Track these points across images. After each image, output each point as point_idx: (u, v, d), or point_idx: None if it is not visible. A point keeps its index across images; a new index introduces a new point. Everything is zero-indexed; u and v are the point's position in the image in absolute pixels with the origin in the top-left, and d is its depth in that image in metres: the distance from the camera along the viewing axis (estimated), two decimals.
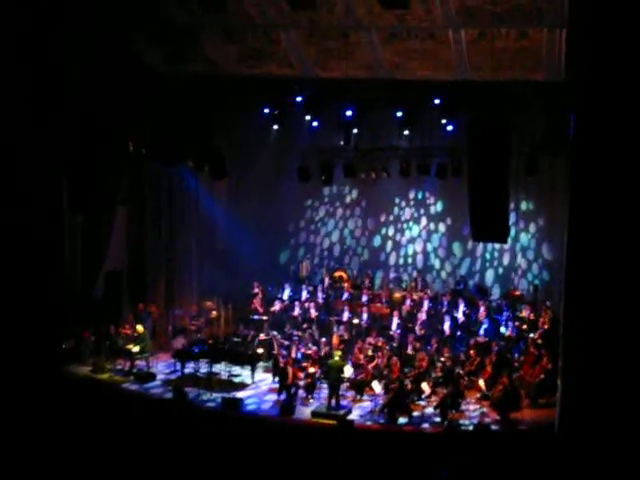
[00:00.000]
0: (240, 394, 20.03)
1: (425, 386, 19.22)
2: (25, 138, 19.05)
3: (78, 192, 19.93)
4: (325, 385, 19.63)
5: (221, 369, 21.28)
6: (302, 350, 21.20)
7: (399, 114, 22.62)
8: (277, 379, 20.19)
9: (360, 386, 19.74)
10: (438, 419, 18.19)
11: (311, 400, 19.56)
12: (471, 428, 17.61)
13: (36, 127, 19.16)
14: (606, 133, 12.47)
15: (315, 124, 23.22)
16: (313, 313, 23.72)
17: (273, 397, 19.94)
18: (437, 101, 21.95)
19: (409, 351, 21.14)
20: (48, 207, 20.35)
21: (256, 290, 24.89)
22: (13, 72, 18.29)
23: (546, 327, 21.13)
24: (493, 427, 17.68)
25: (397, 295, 24.72)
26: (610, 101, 12.39)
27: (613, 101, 12.37)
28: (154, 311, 23.77)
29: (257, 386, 20.94)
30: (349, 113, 22.10)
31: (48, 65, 18.92)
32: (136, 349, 21.71)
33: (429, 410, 18.74)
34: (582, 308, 13.06)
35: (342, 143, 22.92)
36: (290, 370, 19.60)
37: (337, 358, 19.49)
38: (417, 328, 22.27)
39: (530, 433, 17.23)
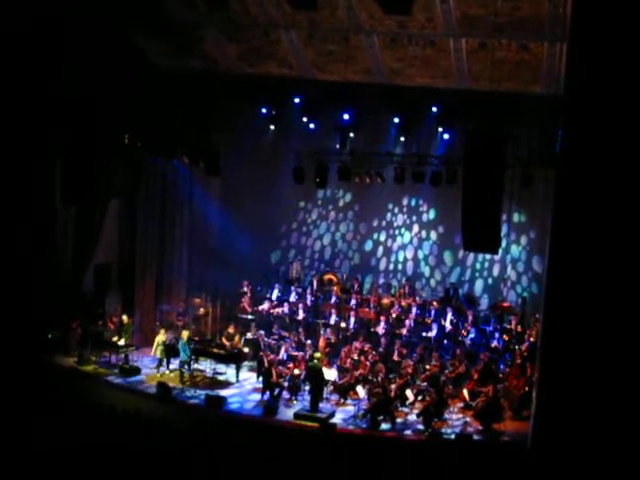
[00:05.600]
0: (224, 392, 20.00)
1: (409, 393, 19.21)
2: (21, 131, 19.09)
3: (72, 184, 19.90)
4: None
5: (206, 366, 21.26)
6: (288, 351, 21.17)
7: (396, 120, 22.64)
8: (261, 379, 20.19)
9: (344, 390, 19.73)
10: (421, 427, 18.19)
11: (294, 402, 19.54)
12: (453, 437, 17.62)
13: (33, 120, 19.19)
14: (592, 150, 12.49)
15: (312, 126, 23.20)
16: (301, 315, 23.68)
17: (257, 397, 19.95)
18: (435, 109, 21.98)
19: (395, 357, 21.14)
20: (41, 199, 20.40)
21: (245, 289, 24.80)
22: (12, 66, 18.31)
23: (532, 340, 21.09)
24: (475, 437, 17.69)
25: (385, 301, 24.59)
26: (600, 119, 12.42)
27: (602, 119, 12.39)
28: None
29: (241, 385, 20.95)
30: (346, 117, 22.10)
31: (47, 58, 18.94)
32: (122, 342, 21.71)
33: (412, 417, 18.75)
34: (561, 320, 13.04)
35: (338, 146, 22.76)
36: (274, 370, 19.61)
37: (316, 361, 19.48)
38: (404, 334, 22.27)
39: (512, 444, 17.23)
